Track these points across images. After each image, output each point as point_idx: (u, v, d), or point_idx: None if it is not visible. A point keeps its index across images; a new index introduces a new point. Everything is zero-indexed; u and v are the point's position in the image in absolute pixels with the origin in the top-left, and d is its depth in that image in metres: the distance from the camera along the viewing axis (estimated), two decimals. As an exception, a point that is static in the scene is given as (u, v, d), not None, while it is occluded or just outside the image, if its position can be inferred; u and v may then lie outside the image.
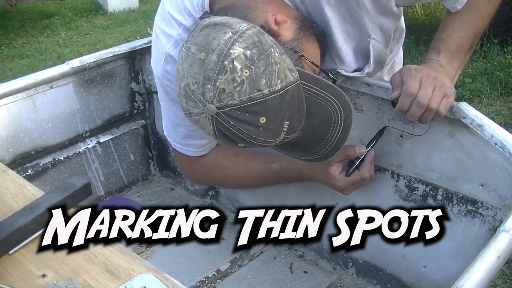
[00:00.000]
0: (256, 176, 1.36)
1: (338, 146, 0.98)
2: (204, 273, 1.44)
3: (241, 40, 0.87)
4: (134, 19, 5.67)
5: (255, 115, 0.88)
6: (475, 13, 1.13)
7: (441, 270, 1.22)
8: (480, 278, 0.82)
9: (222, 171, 1.39)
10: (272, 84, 0.87)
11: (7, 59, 4.76)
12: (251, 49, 0.87)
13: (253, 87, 0.86)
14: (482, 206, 1.12)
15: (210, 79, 0.86)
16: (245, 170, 1.37)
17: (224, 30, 0.89)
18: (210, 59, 0.87)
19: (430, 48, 1.15)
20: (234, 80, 0.86)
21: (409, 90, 1.03)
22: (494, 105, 3.09)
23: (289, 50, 0.97)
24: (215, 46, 0.87)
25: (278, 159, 1.30)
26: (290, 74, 0.89)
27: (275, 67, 0.88)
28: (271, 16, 0.98)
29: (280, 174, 1.32)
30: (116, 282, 0.83)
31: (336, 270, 1.45)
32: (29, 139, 1.52)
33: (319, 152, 1.00)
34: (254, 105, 0.87)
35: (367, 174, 1.20)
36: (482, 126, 1.06)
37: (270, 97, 0.87)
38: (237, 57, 0.86)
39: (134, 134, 1.81)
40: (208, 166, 1.38)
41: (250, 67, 0.86)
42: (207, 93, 0.87)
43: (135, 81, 1.77)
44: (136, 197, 1.80)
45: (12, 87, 1.45)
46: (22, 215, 0.93)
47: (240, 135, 0.90)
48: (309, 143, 0.99)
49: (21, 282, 0.84)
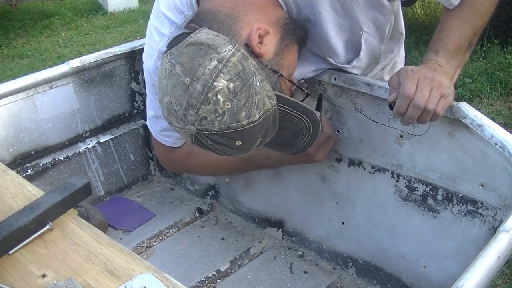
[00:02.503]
0: (226, 162, 1.41)
1: (304, 149, 1.10)
2: (204, 273, 1.44)
3: (226, 71, 0.92)
4: (134, 19, 5.67)
5: (232, 140, 0.96)
6: (472, 11, 1.13)
7: (441, 270, 1.22)
8: (480, 278, 0.82)
9: (195, 159, 1.44)
10: (251, 115, 0.94)
11: (7, 59, 4.76)
12: (235, 81, 0.92)
13: (233, 118, 0.93)
14: (482, 206, 1.12)
15: (193, 107, 0.92)
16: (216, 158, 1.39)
17: (209, 55, 0.93)
18: (195, 88, 0.92)
19: (429, 48, 1.15)
20: (216, 111, 0.92)
21: (405, 92, 1.03)
22: (494, 105, 3.09)
23: (270, 72, 1.02)
24: (200, 74, 0.92)
25: None
26: (269, 101, 0.96)
27: (255, 98, 0.94)
28: (254, 33, 1.01)
29: (249, 160, 1.37)
30: (116, 282, 0.83)
31: (336, 270, 1.45)
32: (29, 139, 1.52)
33: (288, 151, 1.12)
34: (232, 133, 0.94)
35: (330, 131, 1.28)
36: (482, 126, 1.06)
37: (247, 127, 0.94)
38: (220, 90, 0.91)
39: (134, 134, 1.81)
40: (183, 155, 1.44)
41: (232, 100, 0.92)
42: (189, 116, 0.94)
43: (135, 81, 1.77)
44: (136, 197, 1.80)
45: (12, 87, 1.45)
46: (22, 215, 0.93)
47: (216, 152, 1.00)
48: (279, 146, 1.11)
49: (21, 282, 0.84)
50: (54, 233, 0.95)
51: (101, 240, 0.93)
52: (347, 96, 1.28)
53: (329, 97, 1.32)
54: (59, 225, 0.97)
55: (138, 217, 1.68)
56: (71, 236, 0.94)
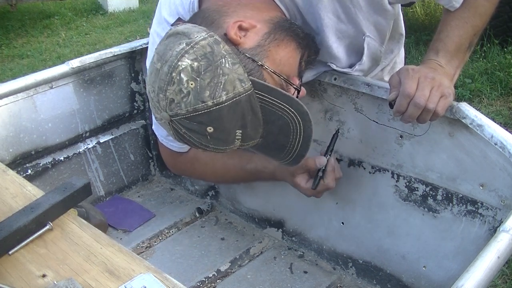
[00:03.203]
0: (233, 174, 1.39)
1: (302, 153, 1.01)
2: (204, 273, 1.44)
3: (192, 51, 0.90)
4: (134, 19, 5.67)
5: (201, 125, 0.92)
6: (473, 11, 1.13)
7: (441, 270, 1.22)
8: (480, 278, 0.82)
9: (201, 166, 1.42)
10: (216, 96, 0.90)
11: (7, 59, 4.76)
12: (199, 61, 0.90)
13: (197, 98, 0.90)
14: (482, 206, 1.12)
15: (162, 89, 0.91)
16: (223, 167, 1.40)
17: (180, 40, 0.92)
18: (163, 70, 0.91)
19: (429, 48, 1.15)
20: (181, 91, 0.90)
21: (406, 91, 1.03)
22: (494, 105, 3.09)
23: (246, 59, 0.97)
24: (168, 57, 0.91)
25: (254, 160, 1.33)
26: (240, 84, 0.92)
27: (222, 78, 0.90)
28: (232, 23, 0.99)
29: (255, 174, 1.36)
30: (116, 282, 0.83)
31: (336, 270, 1.45)
32: (29, 139, 1.52)
33: (285, 158, 1.03)
34: (199, 115, 0.91)
35: (332, 183, 1.23)
36: (482, 126, 1.06)
37: (214, 108, 0.90)
38: (184, 69, 0.90)
39: (134, 134, 1.81)
40: (189, 160, 1.42)
41: (196, 79, 0.90)
42: (161, 101, 0.93)
43: (135, 81, 1.77)
44: (136, 197, 1.80)
45: (12, 87, 1.45)
46: (22, 215, 0.93)
47: (193, 142, 0.96)
48: (272, 150, 1.03)
49: (21, 282, 0.84)
50: (54, 233, 0.95)
51: (101, 240, 0.93)
52: (347, 96, 1.28)
53: (329, 97, 1.32)
54: (59, 225, 0.97)
55: (138, 217, 1.68)
56: (71, 236, 0.94)
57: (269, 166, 1.31)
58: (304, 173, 1.24)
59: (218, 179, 1.52)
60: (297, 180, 1.25)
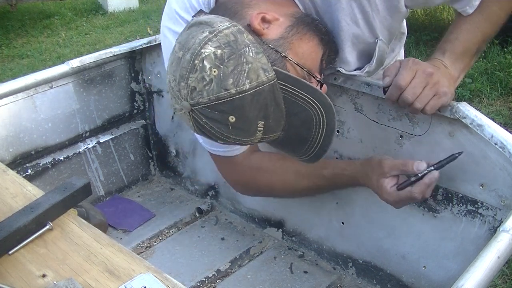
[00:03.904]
0: (306, 182, 1.27)
1: (324, 148, 0.97)
2: (204, 273, 1.44)
3: (215, 39, 0.89)
4: (134, 19, 5.67)
5: (224, 114, 0.89)
6: (485, 18, 1.12)
7: (441, 270, 1.22)
8: (480, 278, 0.82)
9: (268, 176, 1.30)
10: (240, 84, 0.88)
11: (7, 59, 4.76)
12: (223, 49, 0.88)
13: (220, 86, 0.88)
14: (482, 206, 1.12)
15: (183, 77, 0.89)
16: (295, 176, 1.27)
17: (203, 29, 0.91)
18: (185, 58, 0.89)
19: (437, 48, 1.15)
20: (203, 78, 0.88)
21: (398, 82, 1.03)
22: (494, 105, 3.09)
23: (269, 49, 0.96)
24: (190, 45, 0.90)
25: (330, 164, 1.25)
26: (264, 74, 0.89)
27: (246, 66, 0.88)
28: (256, 14, 0.98)
29: (333, 180, 1.25)
30: (116, 282, 0.83)
31: (336, 270, 1.45)
32: (29, 139, 1.52)
33: (306, 153, 0.99)
34: (222, 104, 0.88)
35: (418, 195, 1.07)
36: (482, 126, 1.06)
37: (237, 96, 0.88)
38: (207, 57, 0.88)
39: (134, 134, 1.81)
40: (252, 170, 1.31)
41: (219, 66, 0.88)
42: (182, 90, 0.90)
43: (135, 81, 1.77)
44: (136, 197, 1.80)
45: (12, 87, 1.45)
46: (22, 215, 0.93)
47: (214, 133, 0.93)
48: (294, 144, 0.99)
49: (21, 282, 0.84)
50: (54, 233, 0.95)
51: (101, 240, 0.93)
52: (347, 96, 1.28)
53: (329, 97, 1.31)
54: (59, 225, 0.97)
55: (138, 217, 1.68)
56: (71, 236, 0.94)
57: (349, 168, 1.22)
58: (396, 176, 1.12)
59: (288, 190, 1.33)
60: (385, 181, 1.11)
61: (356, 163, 1.21)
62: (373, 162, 1.15)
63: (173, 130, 1.80)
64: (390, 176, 1.12)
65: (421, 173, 1.08)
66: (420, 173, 1.08)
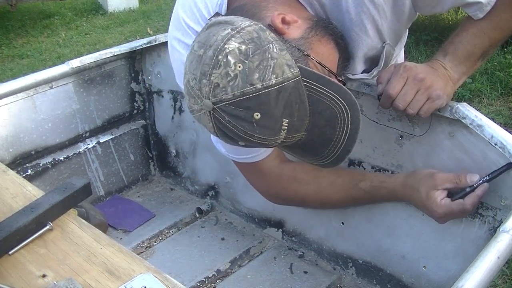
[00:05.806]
0: (342, 194, 1.25)
1: (348, 149, 0.94)
2: (204, 273, 1.44)
3: (239, 35, 0.87)
4: (134, 19, 5.67)
5: (249, 111, 0.86)
6: (494, 24, 1.10)
7: (441, 270, 1.22)
8: (480, 278, 0.82)
9: (302, 187, 1.28)
10: (266, 78, 0.85)
11: (7, 59, 4.76)
12: (247, 44, 0.86)
13: (245, 81, 0.85)
14: (482, 206, 1.12)
15: (206, 74, 0.86)
16: (330, 187, 1.26)
17: (225, 27, 0.89)
18: (207, 55, 0.87)
19: (440, 49, 1.14)
20: (227, 74, 0.85)
21: (388, 91, 1.05)
22: (494, 105, 3.09)
23: (292, 48, 0.94)
24: (212, 42, 0.87)
25: (368, 176, 1.23)
26: (289, 70, 0.87)
27: (271, 62, 0.86)
28: (277, 14, 0.97)
29: (370, 193, 1.22)
30: (116, 282, 0.83)
31: (336, 270, 1.45)
32: (29, 139, 1.52)
33: (329, 155, 0.96)
34: (247, 99, 0.85)
35: (470, 206, 1.05)
36: (482, 127, 1.06)
37: (263, 91, 0.85)
38: (231, 52, 0.85)
39: (134, 134, 1.81)
40: (284, 180, 1.28)
41: (244, 62, 0.85)
42: (203, 88, 0.87)
43: (135, 81, 1.77)
44: (136, 197, 1.80)
45: (12, 87, 1.45)
46: (22, 215, 0.93)
47: (236, 132, 0.89)
48: (317, 145, 0.95)
49: (21, 282, 0.84)
50: (54, 233, 0.95)
51: (101, 240, 0.93)
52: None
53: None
54: (59, 225, 0.97)
55: (138, 217, 1.68)
56: (71, 236, 0.94)
57: (389, 181, 1.19)
58: (446, 189, 1.09)
59: (323, 202, 1.30)
60: (436, 193, 1.08)
61: (399, 175, 1.19)
62: (422, 174, 1.13)
63: (173, 130, 1.80)
64: (442, 189, 1.09)
65: (475, 185, 1.06)
66: (474, 185, 1.06)
